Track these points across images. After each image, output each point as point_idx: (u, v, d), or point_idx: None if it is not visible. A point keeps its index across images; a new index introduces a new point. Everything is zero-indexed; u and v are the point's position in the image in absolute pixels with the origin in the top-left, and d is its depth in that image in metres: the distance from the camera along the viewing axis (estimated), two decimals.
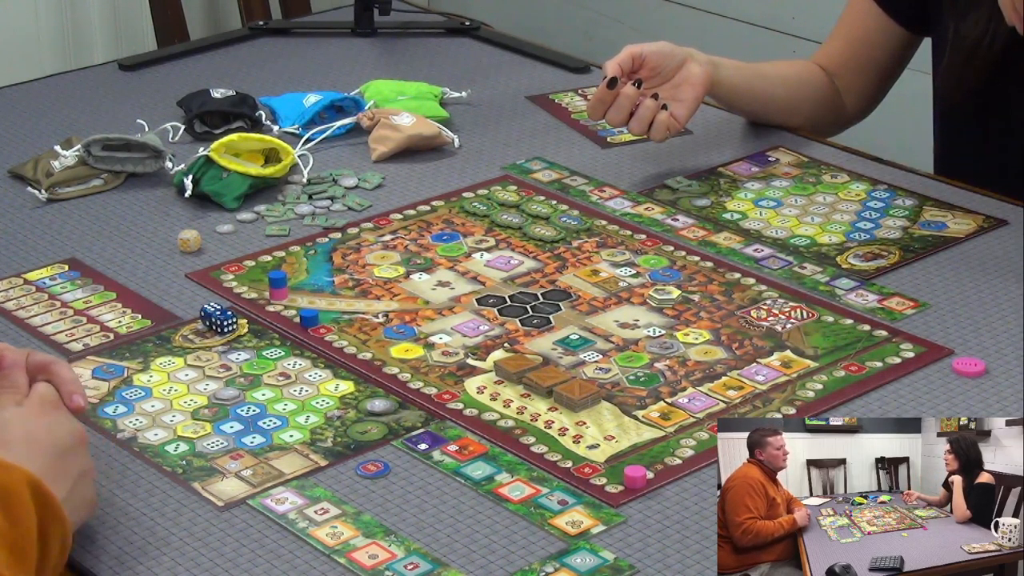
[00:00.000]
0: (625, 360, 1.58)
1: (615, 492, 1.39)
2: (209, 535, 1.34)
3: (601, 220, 1.86)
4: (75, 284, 1.74)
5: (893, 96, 2.18)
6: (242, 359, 1.59)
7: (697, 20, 3.62)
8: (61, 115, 2.19)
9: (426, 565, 1.30)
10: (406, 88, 2.17)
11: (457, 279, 1.74)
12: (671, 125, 1.93)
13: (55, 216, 1.90)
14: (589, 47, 3.68)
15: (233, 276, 1.75)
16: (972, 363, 1.56)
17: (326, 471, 1.42)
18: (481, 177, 1.98)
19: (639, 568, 1.30)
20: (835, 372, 1.56)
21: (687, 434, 1.47)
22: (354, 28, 2.46)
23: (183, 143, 2.06)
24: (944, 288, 1.71)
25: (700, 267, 1.76)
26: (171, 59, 2.39)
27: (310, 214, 1.88)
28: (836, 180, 1.96)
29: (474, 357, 1.59)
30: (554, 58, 2.37)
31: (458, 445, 1.45)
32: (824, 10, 2.60)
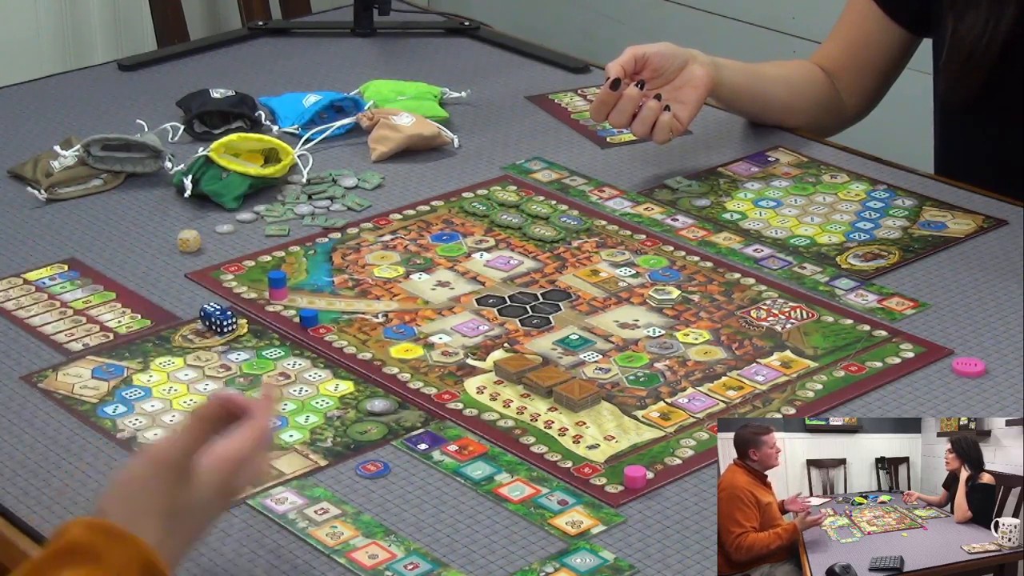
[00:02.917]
0: (625, 360, 1.58)
1: (615, 492, 1.39)
2: (209, 535, 1.33)
3: (601, 220, 1.86)
4: (75, 284, 1.74)
5: (893, 96, 2.18)
6: (242, 359, 1.59)
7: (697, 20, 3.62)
8: (61, 115, 2.19)
9: (426, 565, 1.30)
10: (406, 88, 2.17)
11: (457, 279, 1.74)
12: (674, 127, 1.93)
13: (55, 216, 1.90)
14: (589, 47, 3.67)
15: (233, 276, 1.75)
16: (972, 363, 1.56)
17: (326, 471, 1.42)
18: (481, 177, 1.98)
19: (639, 568, 1.30)
20: (835, 372, 1.56)
21: (687, 434, 1.47)
22: (354, 28, 2.46)
23: (183, 143, 2.06)
24: (944, 288, 1.71)
25: (700, 267, 1.76)
26: (171, 59, 2.39)
27: (310, 214, 1.88)
28: (836, 180, 1.96)
29: (474, 357, 1.59)
30: (554, 58, 2.37)
31: (458, 445, 1.45)
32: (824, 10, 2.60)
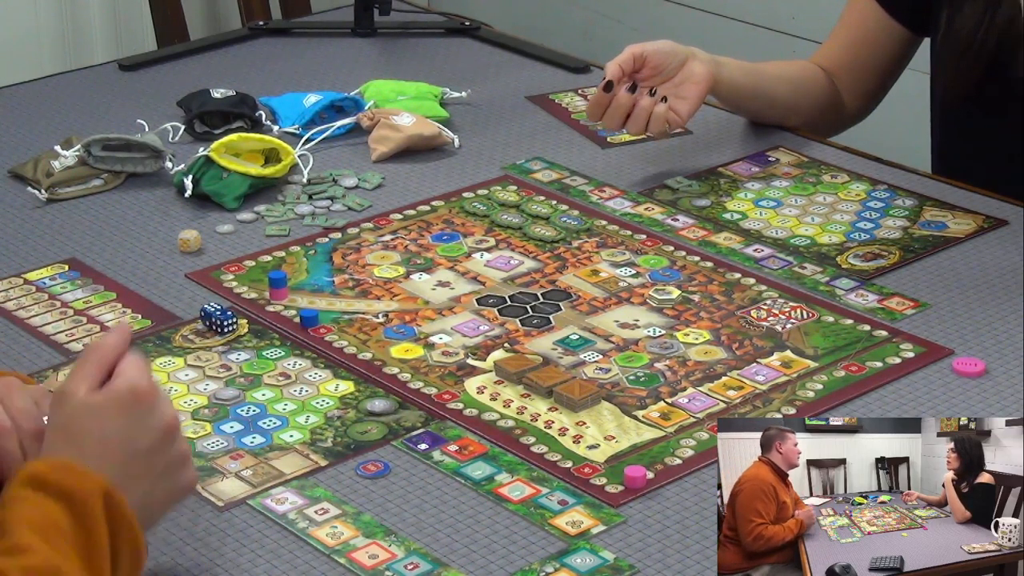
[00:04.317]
0: (625, 360, 1.58)
1: (615, 492, 1.39)
2: (209, 535, 1.34)
3: (601, 220, 1.86)
4: (75, 284, 1.74)
5: (893, 96, 2.18)
6: (242, 359, 1.59)
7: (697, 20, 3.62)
8: (61, 115, 2.19)
9: (426, 565, 1.30)
10: (406, 88, 2.17)
11: (457, 279, 1.74)
12: (671, 119, 1.92)
13: (55, 216, 1.90)
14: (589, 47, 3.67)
15: (233, 276, 1.75)
16: (972, 363, 1.56)
17: (326, 471, 1.42)
18: (481, 177, 1.98)
19: (639, 568, 1.30)
20: (835, 372, 1.56)
21: (687, 434, 1.47)
22: (354, 28, 2.46)
23: (183, 143, 2.06)
24: (944, 288, 1.71)
25: (700, 267, 1.76)
26: (171, 59, 2.39)
27: (310, 214, 1.88)
28: (836, 180, 1.96)
29: (474, 357, 1.59)
30: (554, 58, 2.37)
31: (458, 445, 1.45)
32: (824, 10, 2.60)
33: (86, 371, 1.23)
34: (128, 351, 1.25)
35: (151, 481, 1.22)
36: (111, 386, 1.22)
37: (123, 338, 1.25)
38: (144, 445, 1.21)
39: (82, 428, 1.20)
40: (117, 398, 1.22)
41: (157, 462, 1.22)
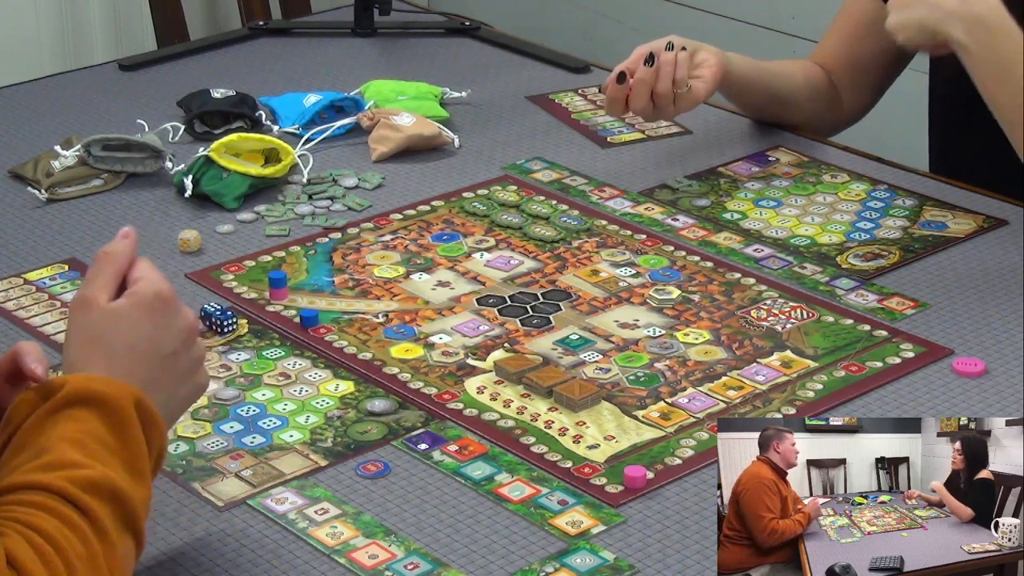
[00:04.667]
0: (625, 360, 1.58)
1: (615, 492, 1.39)
2: (209, 535, 1.34)
3: (601, 220, 1.86)
4: (75, 284, 1.74)
5: (893, 96, 2.18)
6: (242, 359, 1.59)
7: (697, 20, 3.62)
8: (61, 115, 2.19)
9: (426, 565, 1.30)
10: (406, 88, 2.17)
11: (457, 279, 1.74)
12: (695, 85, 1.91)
13: (55, 216, 1.90)
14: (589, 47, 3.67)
15: (233, 276, 1.75)
16: (972, 363, 1.56)
17: (326, 471, 1.42)
18: (481, 177, 1.98)
19: (639, 568, 1.30)
20: (835, 372, 1.56)
21: (687, 434, 1.47)
22: (354, 28, 2.46)
23: (183, 143, 2.06)
24: (944, 288, 1.71)
25: (700, 267, 1.76)
26: (171, 59, 2.39)
27: (310, 214, 1.88)
28: (836, 180, 1.96)
29: (474, 357, 1.59)
30: (554, 58, 2.37)
31: (458, 445, 1.45)
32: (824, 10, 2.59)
33: (104, 279, 1.22)
34: (137, 257, 1.25)
35: (174, 384, 1.24)
36: (135, 291, 1.22)
37: (132, 244, 1.25)
38: (169, 348, 1.22)
39: (110, 335, 1.20)
40: (144, 303, 1.22)
41: (180, 364, 1.24)
